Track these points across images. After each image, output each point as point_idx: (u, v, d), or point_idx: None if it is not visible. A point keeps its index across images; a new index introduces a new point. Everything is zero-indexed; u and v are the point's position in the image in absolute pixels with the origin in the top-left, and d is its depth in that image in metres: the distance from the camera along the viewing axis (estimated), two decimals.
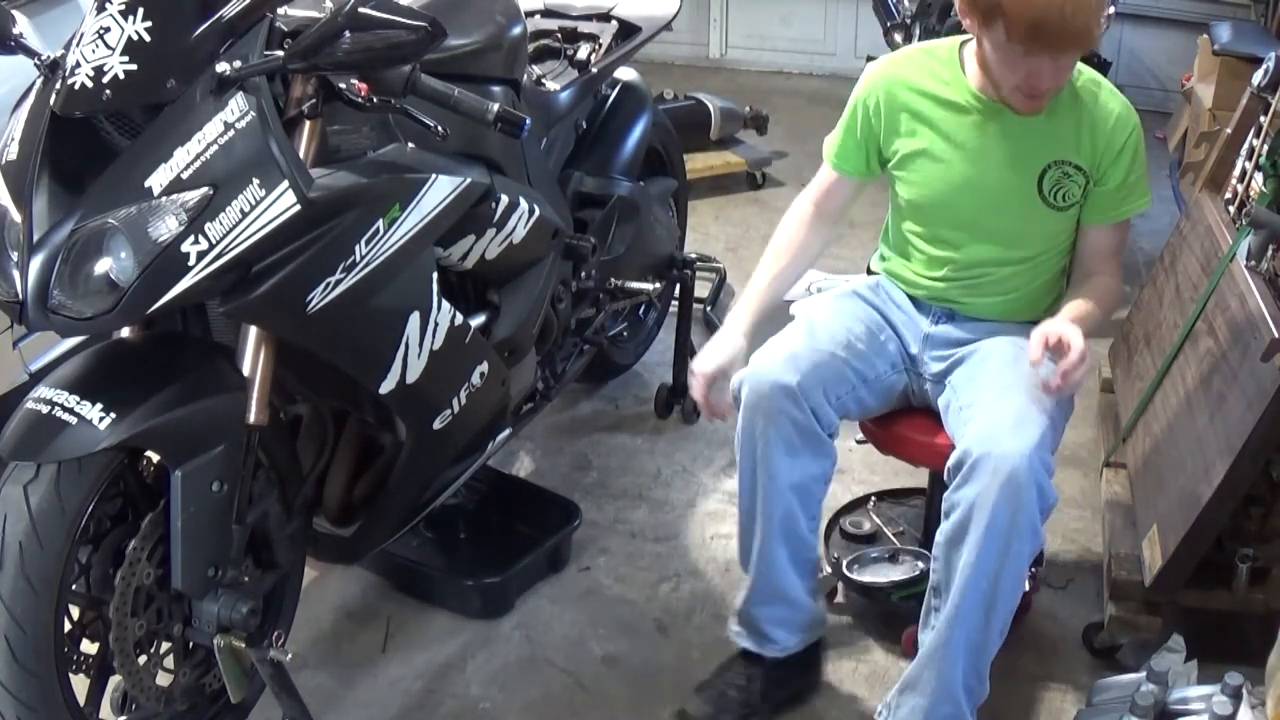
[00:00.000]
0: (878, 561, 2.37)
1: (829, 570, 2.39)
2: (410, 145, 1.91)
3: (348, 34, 1.61)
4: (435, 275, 1.96)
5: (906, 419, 2.15)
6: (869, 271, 2.32)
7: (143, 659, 1.75)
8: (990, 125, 1.97)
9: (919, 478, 2.46)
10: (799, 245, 2.17)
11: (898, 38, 4.73)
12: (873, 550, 2.40)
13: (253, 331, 1.75)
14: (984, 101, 1.96)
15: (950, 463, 1.85)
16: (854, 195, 2.18)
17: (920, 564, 2.30)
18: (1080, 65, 1.94)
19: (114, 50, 1.57)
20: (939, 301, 2.13)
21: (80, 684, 1.74)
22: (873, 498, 2.57)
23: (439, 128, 1.82)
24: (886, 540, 2.45)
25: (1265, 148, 2.53)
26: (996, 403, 1.89)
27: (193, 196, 1.56)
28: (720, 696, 2.08)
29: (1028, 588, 2.27)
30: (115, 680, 1.76)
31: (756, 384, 1.96)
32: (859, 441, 2.26)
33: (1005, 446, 1.77)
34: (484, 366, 2.12)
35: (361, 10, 1.62)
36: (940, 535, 1.87)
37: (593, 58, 2.75)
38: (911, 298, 2.16)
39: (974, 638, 1.86)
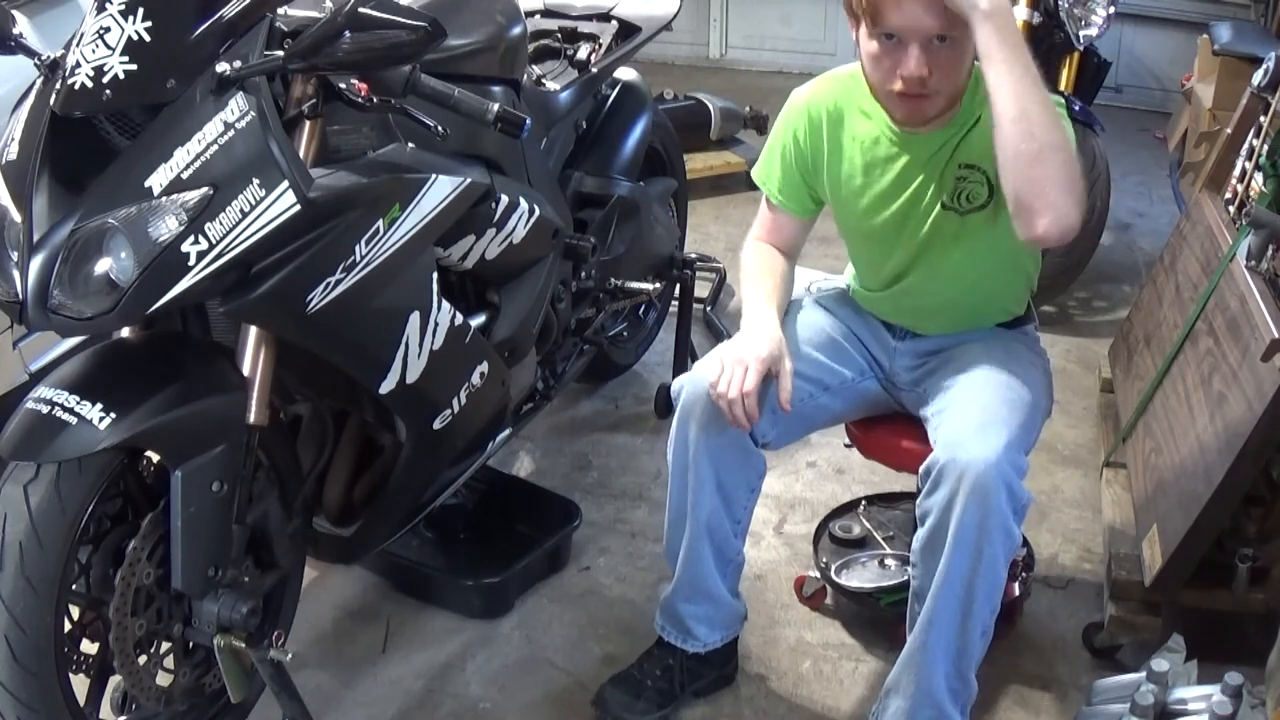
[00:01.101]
0: (866, 566, 2.37)
1: (817, 574, 2.38)
2: (410, 145, 1.91)
3: (348, 34, 1.61)
4: (435, 275, 1.96)
5: (890, 424, 2.13)
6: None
7: (143, 659, 1.75)
8: (904, 155, 1.91)
9: (913, 481, 2.46)
10: (780, 269, 2.08)
11: None
12: (861, 555, 2.39)
13: (253, 331, 1.75)
14: (897, 133, 1.90)
15: (921, 469, 1.83)
16: (804, 232, 2.13)
17: (908, 569, 2.29)
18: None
19: (114, 50, 1.57)
20: (898, 323, 2.11)
21: (80, 684, 1.74)
22: (863, 501, 2.57)
23: (439, 128, 1.82)
24: (876, 545, 2.43)
25: (1265, 148, 2.53)
26: (964, 407, 1.87)
27: (193, 196, 1.56)
28: (638, 685, 2.11)
29: (1018, 592, 2.27)
30: (115, 680, 1.76)
31: (694, 388, 1.93)
32: (846, 445, 2.24)
33: (970, 452, 1.75)
34: (484, 366, 2.12)
35: (361, 10, 1.62)
36: (916, 542, 1.86)
37: (593, 58, 2.76)
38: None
39: (952, 641, 1.86)
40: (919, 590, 1.88)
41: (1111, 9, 3.59)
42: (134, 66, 1.57)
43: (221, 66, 1.61)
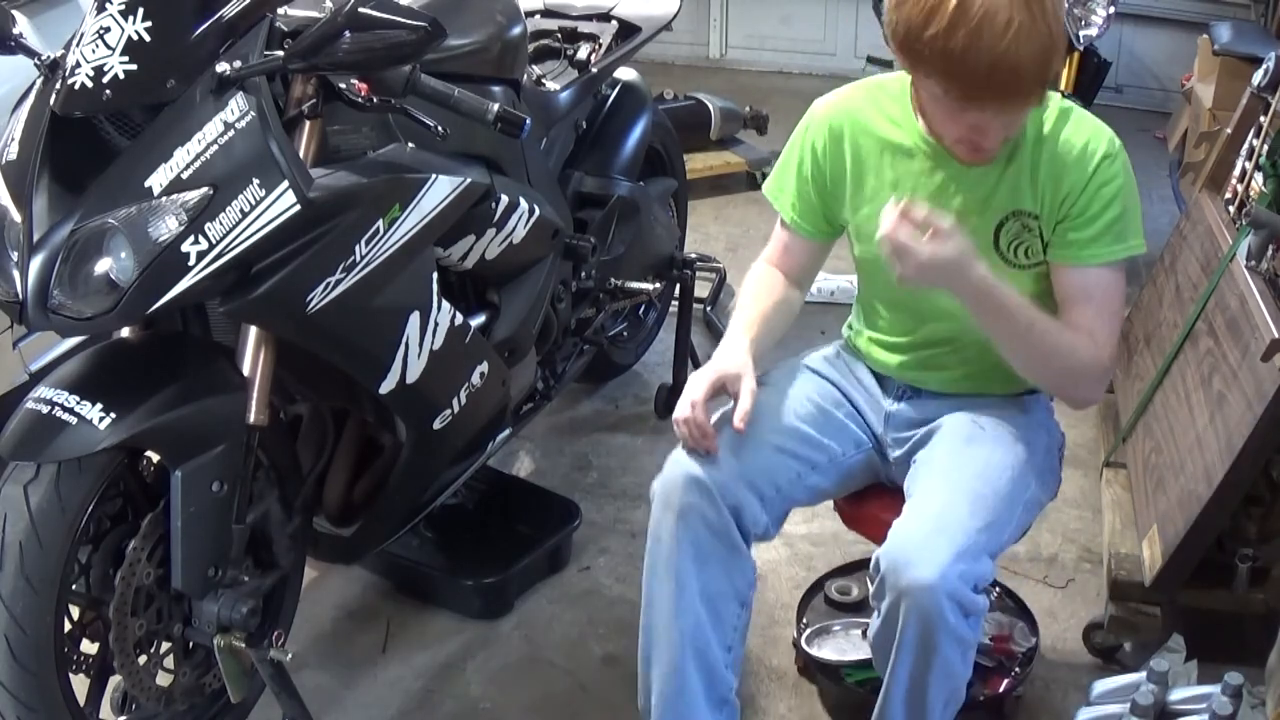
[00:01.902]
0: (840, 636, 2.18)
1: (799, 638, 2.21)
2: (410, 145, 1.91)
3: (348, 34, 1.61)
4: (435, 275, 1.96)
5: (878, 498, 1.92)
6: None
7: (143, 659, 1.75)
8: (940, 172, 1.71)
9: None
10: (776, 295, 1.88)
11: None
12: (838, 623, 2.20)
13: (253, 331, 1.75)
14: (933, 146, 1.71)
15: (873, 558, 1.64)
16: (816, 259, 1.92)
17: None
18: (1052, 96, 1.69)
19: (114, 50, 1.57)
20: (900, 377, 1.90)
21: (80, 684, 1.74)
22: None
23: (439, 128, 1.82)
24: (869, 612, 2.23)
25: (1265, 148, 2.53)
26: (926, 499, 1.67)
27: (193, 196, 1.56)
28: None
29: (1003, 688, 2.06)
30: (115, 680, 1.76)
31: (669, 475, 1.71)
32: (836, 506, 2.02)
33: (914, 568, 1.55)
34: (484, 366, 2.12)
35: (361, 10, 1.62)
36: (869, 630, 1.71)
37: (593, 58, 2.75)
38: (874, 372, 1.94)
39: None
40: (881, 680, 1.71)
41: (1111, 9, 3.59)
42: (134, 66, 1.57)
43: (221, 66, 1.61)
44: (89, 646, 1.76)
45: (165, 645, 1.81)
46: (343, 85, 1.74)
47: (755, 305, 1.84)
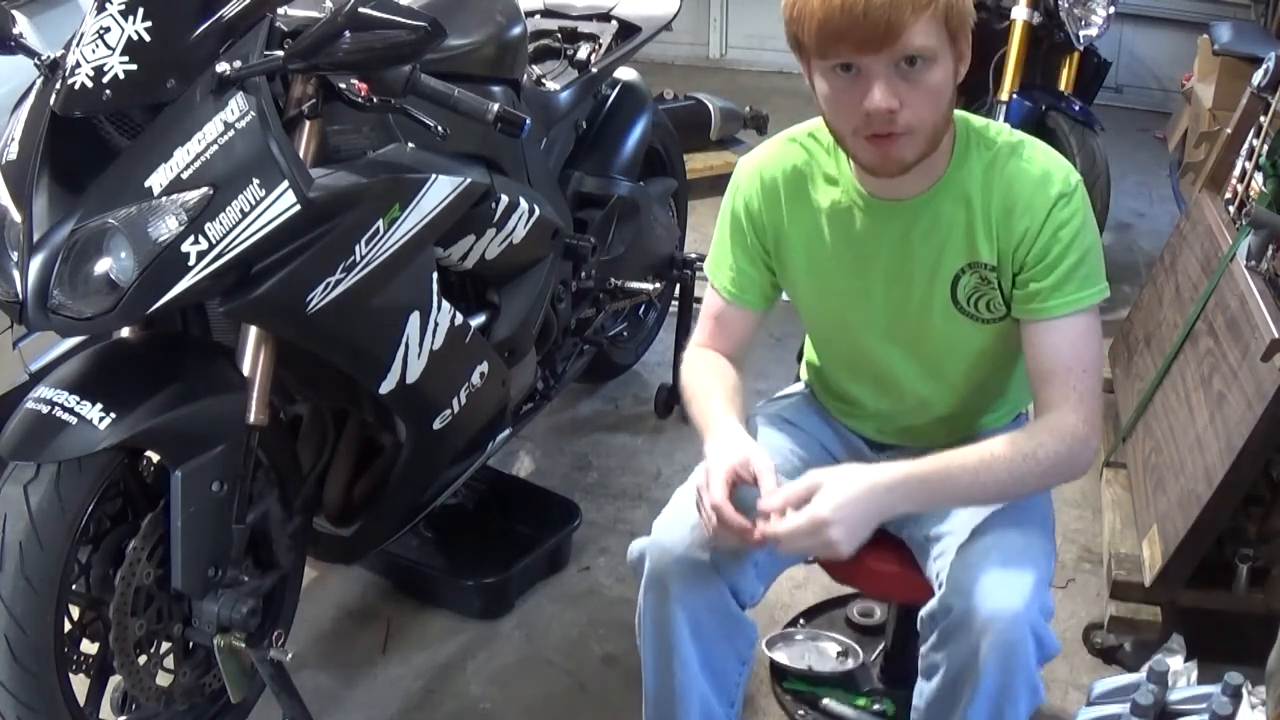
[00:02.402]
0: (801, 644, 2.19)
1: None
2: (410, 145, 1.91)
3: (348, 34, 1.61)
4: (435, 275, 1.96)
5: (869, 548, 1.60)
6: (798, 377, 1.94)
7: (143, 659, 1.75)
8: (883, 225, 1.57)
9: None
10: (732, 380, 1.69)
11: None
12: (799, 632, 2.21)
13: (253, 331, 1.75)
14: (871, 198, 1.56)
15: (925, 612, 1.53)
16: (756, 331, 1.75)
17: (850, 662, 2.15)
18: (1000, 127, 1.56)
19: (114, 50, 1.57)
20: (880, 440, 1.79)
21: (80, 684, 1.74)
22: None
23: (439, 128, 1.82)
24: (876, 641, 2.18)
25: (1265, 148, 2.53)
26: (977, 539, 1.54)
27: (193, 196, 1.56)
28: None
29: None
30: (115, 680, 1.76)
31: (661, 556, 1.57)
32: (807, 562, 1.90)
33: (996, 600, 1.45)
34: (484, 366, 2.12)
35: (361, 10, 1.62)
36: (919, 699, 1.57)
37: (593, 58, 2.75)
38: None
39: None
40: None
41: (1111, 9, 3.59)
42: (134, 66, 1.57)
43: (221, 66, 1.61)
44: (89, 646, 1.76)
45: (165, 645, 1.81)
46: (343, 85, 1.74)
47: (718, 392, 1.64)
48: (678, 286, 3.10)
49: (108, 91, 1.57)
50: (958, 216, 1.54)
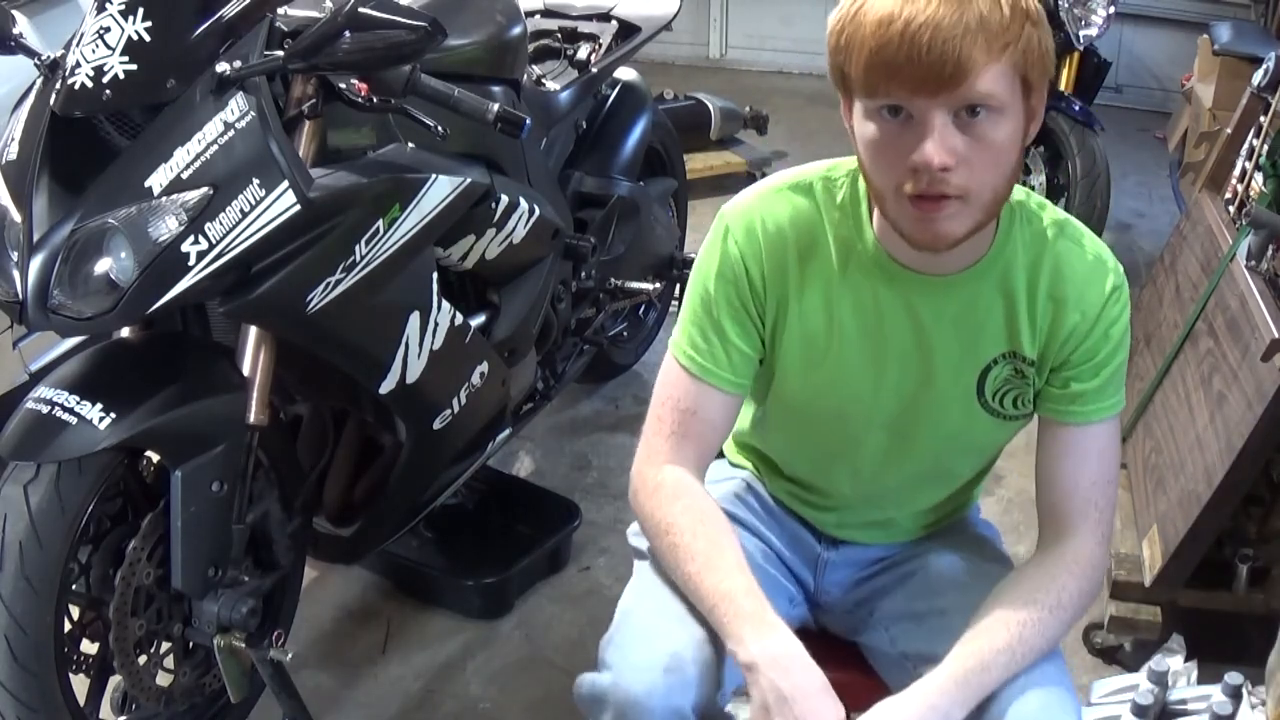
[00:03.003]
0: None
1: None
2: (410, 145, 1.91)
3: (348, 34, 1.61)
4: (435, 275, 1.96)
5: (822, 657, 1.29)
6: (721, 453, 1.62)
7: (143, 659, 1.75)
8: (910, 302, 1.32)
9: None
10: (725, 522, 1.35)
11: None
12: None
13: (253, 331, 1.75)
14: (900, 270, 1.31)
15: None
16: (733, 418, 1.42)
17: None
18: (1041, 201, 1.35)
19: (114, 50, 1.57)
20: (838, 536, 1.54)
21: (80, 684, 1.74)
22: None
23: (439, 128, 1.82)
24: None
25: (1265, 148, 2.53)
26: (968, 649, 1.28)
27: (193, 196, 1.56)
28: None
29: None
30: (115, 680, 1.76)
31: (628, 703, 1.24)
32: None
33: None
34: (484, 366, 2.12)
35: (361, 10, 1.62)
36: None
37: (593, 58, 2.75)
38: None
39: None
40: None
41: (1111, 9, 3.59)
42: (134, 66, 1.57)
43: (221, 66, 1.61)
44: (89, 646, 1.75)
45: (165, 645, 1.81)
46: (343, 85, 1.73)
47: (727, 549, 1.31)
48: (677, 286, 3.10)
49: (108, 91, 1.57)
50: (997, 300, 1.32)
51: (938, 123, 1.13)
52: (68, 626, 1.70)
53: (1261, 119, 2.66)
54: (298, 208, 1.62)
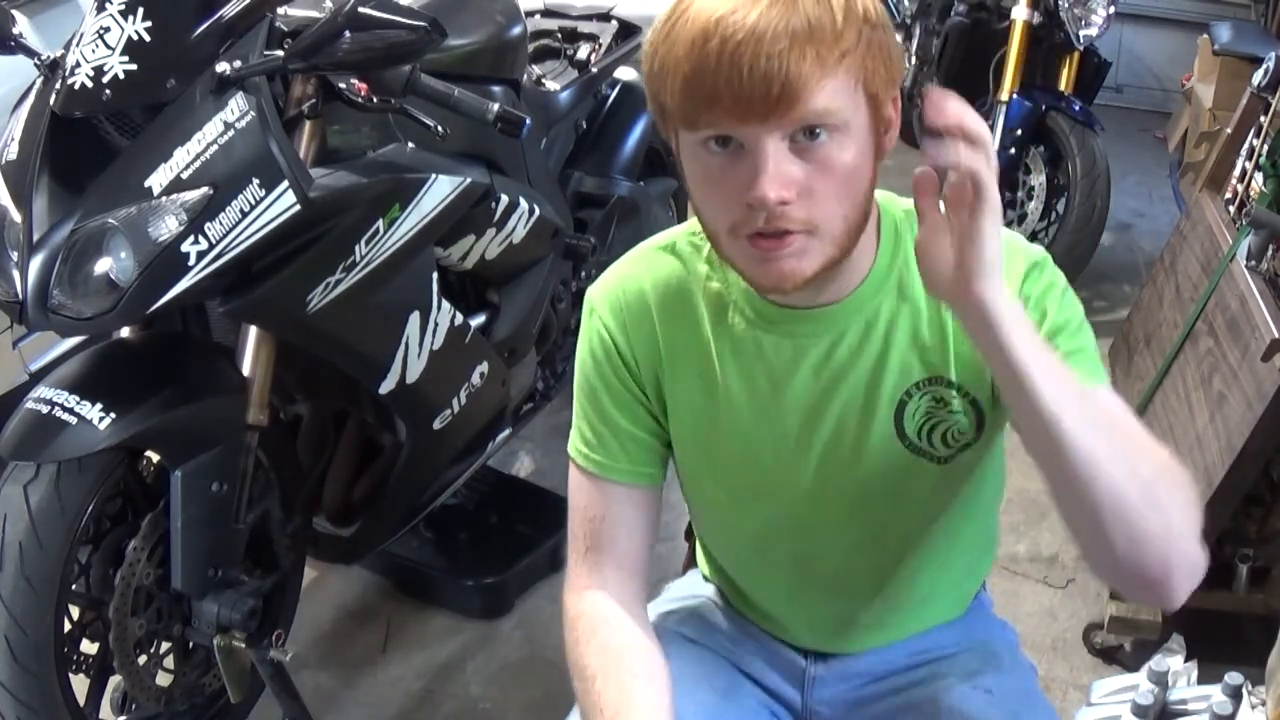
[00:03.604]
0: None
1: None
2: (410, 145, 1.91)
3: (348, 34, 1.61)
4: (435, 275, 1.96)
5: None
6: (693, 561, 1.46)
7: (143, 659, 1.76)
8: (794, 344, 1.15)
9: None
10: (665, 676, 1.17)
11: (898, 37, 4.74)
12: None
13: (253, 331, 1.75)
14: (772, 309, 1.15)
15: None
16: (650, 516, 1.25)
17: None
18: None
19: (114, 50, 1.57)
20: (816, 647, 1.32)
21: (80, 684, 1.74)
22: None
23: (439, 128, 1.82)
24: None
25: (1265, 148, 2.53)
26: None
27: (193, 196, 1.56)
28: None
29: None
30: (115, 680, 1.76)
31: None
32: None
33: None
34: (484, 366, 2.12)
35: (361, 10, 1.62)
36: None
37: (593, 58, 2.75)
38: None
39: None
40: None
41: (1111, 9, 3.59)
42: (134, 66, 1.57)
43: (221, 66, 1.61)
44: (89, 646, 1.76)
45: (165, 645, 1.81)
46: (343, 85, 1.74)
47: (634, 691, 1.13)
48: None
49: (108, 91, 1.57)
50: (896, 322, 1.13)
51: (770, 151, 0.97)
52: (68, 626, 1.70)
53: (1261, 119, 2.66)
54: (298, 208, 1.62)
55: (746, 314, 1.16)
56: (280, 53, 1.65)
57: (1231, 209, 2.65)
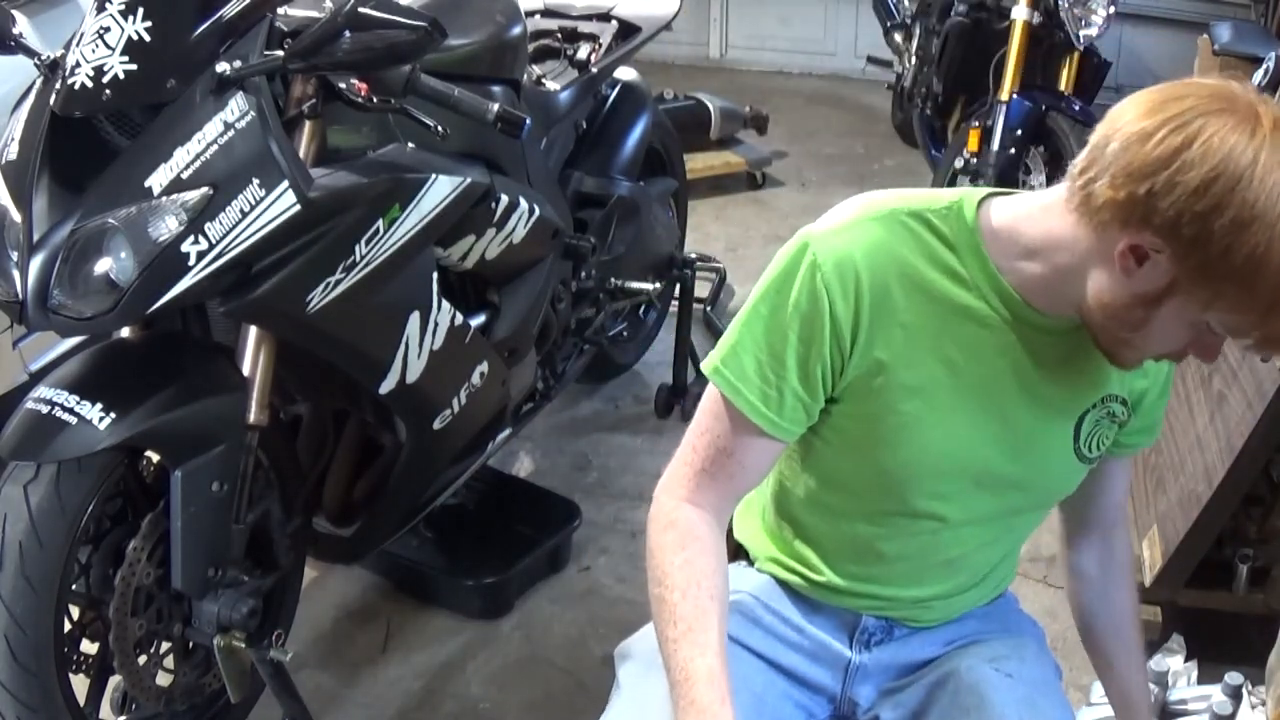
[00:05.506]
0: None
1: None
2: (410, 145, 1.91)
3: (348, 34, 1.61)
4: (435, 275, 1.96)
5: None
6: (739, 554, 1.45)
7: (143, 659, 1.75)
8: (1023, 347, 1.20)
9: None
10: (723, 581, 1.22)
11: (897, 38, 4.74)
12: None
13: (253, 331, 1.75)
14: (1025, 309, 1.18)
15: None
16: (771, 466, 1.28)
17: None
18: None
19: (114, 50, 1.57)
20: (879, 613, 1.36)
21: (80, 684, 1.74)
22: None
23: (439, 128, 1.82)
24: None
25: None
26: None
27: (193, 196, 1.56)
28: None
29: None
30: (115, 680, 1.76)
31: None
32: None
33: None
34: (484, 366, 2.12)
35: (361, 10, 1.62)
36: None
37: (593, 58, 2.75)
38: (818, 603, 1.37)
39: None
40: None
41: (1111, 9, 3.60)
42: (134, 66, 1.57)
43: (221, 66, 1.61)
44: (89, 646, 1.76)
45: (165, 645, 1.81)
46: (343, 85, 1.74)
47: (710, 628, 1.17)
48: (678, 286, 3.10)
49: (108, 91, 1.57)
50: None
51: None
52: (68, 626, 1.70)
53: None
54: (298, 208, 1.62)
55: (992, 309, 1.18)
56: (280, 53, 1.65)
57: None
